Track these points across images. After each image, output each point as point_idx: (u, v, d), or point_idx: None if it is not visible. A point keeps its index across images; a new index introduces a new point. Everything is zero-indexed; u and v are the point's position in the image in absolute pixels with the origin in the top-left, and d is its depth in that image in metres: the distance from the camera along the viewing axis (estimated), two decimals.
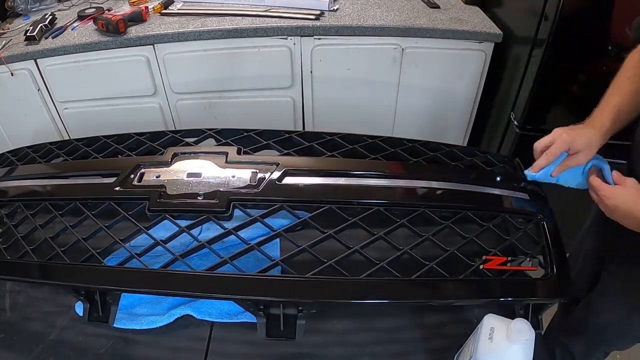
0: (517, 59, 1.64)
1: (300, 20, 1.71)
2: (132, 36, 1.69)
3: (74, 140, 1.19)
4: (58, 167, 1.12)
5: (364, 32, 1.69)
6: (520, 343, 0.71)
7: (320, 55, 1.75)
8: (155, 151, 1.09)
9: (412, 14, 1.76)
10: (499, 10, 1.77)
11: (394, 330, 0.94)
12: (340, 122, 1.92)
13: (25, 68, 1.74)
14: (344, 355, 0.90)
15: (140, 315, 0.96)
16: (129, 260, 0.85)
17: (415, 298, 0.84)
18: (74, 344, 0.92)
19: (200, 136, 1.14)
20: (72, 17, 1.86)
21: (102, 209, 0.95)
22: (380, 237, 0.86)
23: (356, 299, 0.82)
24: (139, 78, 1.81)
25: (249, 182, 0.95)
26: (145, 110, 1.91)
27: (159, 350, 0.92)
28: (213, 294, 0.84)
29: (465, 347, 0.82)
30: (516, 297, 0.83)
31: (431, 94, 1.86)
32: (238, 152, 1.04)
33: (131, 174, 1.00)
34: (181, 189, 0.95)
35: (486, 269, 0.83)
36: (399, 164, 1.03)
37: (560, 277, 0.83)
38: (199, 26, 1.71)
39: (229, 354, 0.91)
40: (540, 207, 0.94)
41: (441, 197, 0.96)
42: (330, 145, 1.08)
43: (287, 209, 0.91)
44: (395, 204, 0.93)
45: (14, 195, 1.04)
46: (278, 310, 0.86)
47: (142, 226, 0.90)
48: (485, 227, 0.90)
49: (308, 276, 0.81)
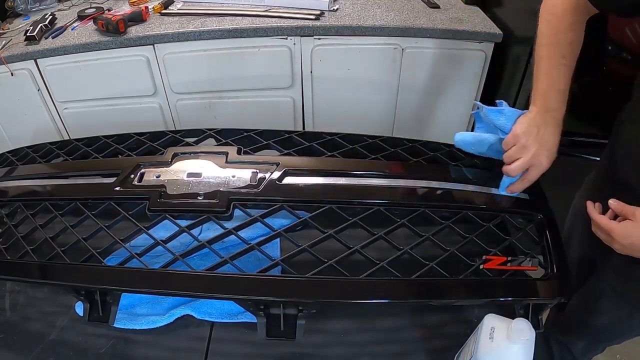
0: (517, 59, 1.64)
1: (300, 20, 1.71)
2: (132, 36, 1.69)
3: (74, 140, 1.19)
4: (58, 167, 1.12)
5: (364, 32, 1.69)
6: (520, 343, 0.71)
7: (320, 55, 1.75)
8: (155, 151, 1.09)
9: (412, 14, 1.76)
10: (499, 10, 1.77)
11: (394, 330, 0.94)
12: (340, 122, 1.92)
13: (25, 68, 1.74)
14: (344, 355, 0.90)
15: (140, 315, 0.96)
16: (129, 260, 0.85)
17: (415, 298, 0.84)
18: (74, 344, 0.92)
19: (200, 136, 1.14)
20: (72, 17, 1.86)
21: (102, 209, 0.95)
22: (380, 237, 0.86)
23: (356, 299, 0.82)
24: (139, 78, 1.81)
25: (249, 182, 0.95)
26: (145, 110, 1.91)
27: (159, 350, 0.92)
28: (213, 294, 0.84)
29: (466, 347, 0.82)
30: (516, 297, 0.83)
31: (431, 94, 1.86)
32: (238, 152, 1.04)
33: (131, 174, 1.00)
34: (181, 189, 0.95)
35: (486, 269, 0.83)
36: (399, 164, 1.03)
37: (560, 277, 0.83)
38: (199, 26, 1.71)
39: (229, 354, 0.91)
40: (540, 207, 0.94)
41: (441, 197, 0.96)
42: (330, 145, 1.08)
43: (287, 209, 0.91)
44: (396, 204, 0.93)
45: (14, 195, 1.04)
46: (278, 310, 0.86)
47: (142, 226, 0.90)
48: (485, 227, 0.90)
49: (308, 276, 0.81)
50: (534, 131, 0.82)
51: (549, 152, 0.83)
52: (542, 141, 0.83)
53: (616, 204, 0.79)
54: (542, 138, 0.82)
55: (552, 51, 0.83)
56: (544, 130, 0.82)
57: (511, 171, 0.86)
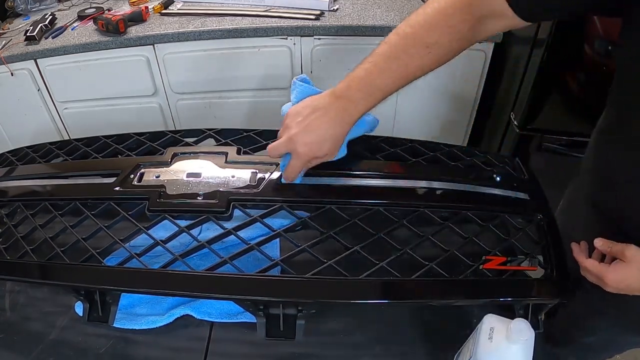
0: (517, 59, 1.65)
1: (300, 20, 1.71)
2: (132, 36, 1.69)
3: (74, 140, 1.19)
4: (58, 167, 1.12)
5: (364, 32, 1.69)
6: (520, 343, 0.70)
7: (320, 55, 1.75)
8: (155, 151, 1.09)
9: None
10: None
11: (393, 330, 0.94)
12: None
13: (25, 68, 1.74)
14: (344, 355, 0.90)
15: (140, 315, 0.96)
16: (128, 260, 0.85)
17: (415, 298, 0.84)
18: (74, 344, 0.93)
19: (200, 136, 1.14)
20: (72, 17, 1.87)
21: (102, 209, 0.95)
22: (380, 237, 0.86)
23: (356, 299, 0.82)
24: (139, 78, 1.81)
25: (249, 182, 0.95)
26: (145, 110, 1.91)
27: (159, 350, 0.92)
28: (213, 294, 0.84)
29: (465, 347, 0.82)
30: (516, 297, 0.83)
31: (431, 94, 1.86)
32: (238, 152, 1.04)
33: (131, 174, 1.00)
34: (181, 189, 0.95)
35: (486, 269, 0.83)
36: (398, 164, 1.03)
37: (560, 277, 0.83)
38: (199, 26, 1.72)
39: (228, 354, 0.91)
40: (540, 207, 0.94)
41: (441, 197, 0.96)
42: None
43: (287, 209, 0.91)
44: (395, 204, 0.93)
45: (14, 195, 1.04)
46: (278, 310, 0.86)
47: (142, 226, 0.90)
48: (485, 227, 0.90)
49: (308, 276, 0.80)
50: (305, 112, 0.70)
51: (312, 142, 0.70)
52: (309, 127, 0.70)
53: (602, 243, 0.71)
54: (310, 123, 0.69)
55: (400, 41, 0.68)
56: (319, 114, 0.69)
57: (269, 150, 0.75)
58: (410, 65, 0.69)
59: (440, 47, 0.67)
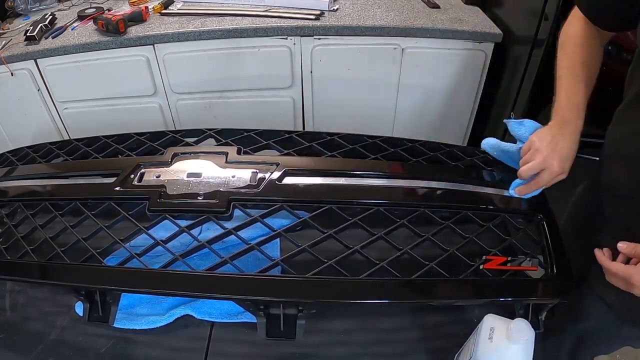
0: (517, 59, 1.64)
1: (300, 20, 1.71)
2: (132, 36, 1.69)
3: (74, 140, 1.19)
4: (58, 167, 1.12)
5: (364, 32, 1.69)
6: (520, 343, 0.71)
7: (320, 55, 1.75)
8: (155, 151, 1.09)
9: (412, 14, 1.76)
10: (499, 10, 1.77)
11: (393, 330, 0.93)
12: (340, 122, 1.92)
13: (25, 68, 1.74)
14: (344, 355, 0.90)
15: (140, 315, 0.96)
16: (129, 260, 0.85)
17: (415, 298, 0.84)
18: (74, 344, 0.92)
19: (200, 136, 1.14)
20: (72, 17, 1.86)
21: (102, 209, 0.95)
22: (380, 237, 0.86)
23: (356, 299, 0.82)
24: (139, 78, 1.81)
25: (249, 182, 0.96)
26: (145, 110, 1.91)
27: (159, 350, 0.92)
28: (213, 294, 0.84)
29: (465, 347, 0.82)
30: (516, 297, 0.83)
31: (431, 94, 1.86)
32: (238, 152, 1.04)
33: (131, 174, 1.00)
34: (181, 189, 0.95)
35: (486, 269, 0.83)
36: (399, 164, 1.03)
37: (560, 277, 0.83)
38: (199, 26, 1.72)
39: (229, 354, 0.91)
40: (540, 207, 0.94)
41: (441, 197, 0.96)
42: (330, 145, 1.08)
43: (287, 209, 0.91)
44: (395, 204, 0.93)
45: (14, 195, 1.04)
46: (278, 310, 0.86)
47: (142, 226, 0.90)
48: (485, 227, 0.90)
49: (308, 276, 0.81)
50: (548, 138, 0.85)
51: (562, 159, 0.85)
52: (556, 148, 0.85)
53: (626, 246, 0.72)
54: (555, 145, 0.85)
55: (566, 71, 0.90)
56: (558, 138, 0.85)
57: (522, 172, 0.87)
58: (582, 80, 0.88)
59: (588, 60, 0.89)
